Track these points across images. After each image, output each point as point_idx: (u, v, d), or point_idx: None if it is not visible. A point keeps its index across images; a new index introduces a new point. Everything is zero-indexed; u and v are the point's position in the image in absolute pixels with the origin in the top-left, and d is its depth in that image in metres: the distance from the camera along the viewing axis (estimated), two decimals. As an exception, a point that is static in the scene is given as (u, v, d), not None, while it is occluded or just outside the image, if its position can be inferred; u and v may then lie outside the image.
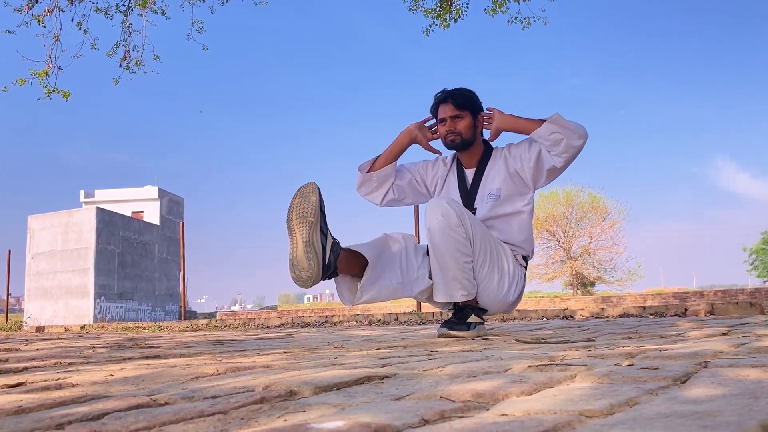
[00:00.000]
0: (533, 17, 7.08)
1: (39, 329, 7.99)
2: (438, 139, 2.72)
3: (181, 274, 10.47)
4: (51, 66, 6.84)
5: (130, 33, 7.29)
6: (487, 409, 0.77)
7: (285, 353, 1.92)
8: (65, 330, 7.68)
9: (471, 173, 2.71)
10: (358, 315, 6.39)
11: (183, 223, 10.97)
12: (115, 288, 17.72)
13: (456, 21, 7.21)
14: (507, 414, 0.73)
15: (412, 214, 7.79)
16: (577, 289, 34.01)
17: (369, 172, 2.74)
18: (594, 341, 1.93)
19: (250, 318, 6.98)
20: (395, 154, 2.74)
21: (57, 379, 1.27)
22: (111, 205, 24.90)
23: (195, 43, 7.43)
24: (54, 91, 6.88)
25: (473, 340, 2.31)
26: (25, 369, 1.60)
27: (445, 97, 2.66)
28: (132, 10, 7.22)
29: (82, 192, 34.63)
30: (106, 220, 17.52)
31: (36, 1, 6.73)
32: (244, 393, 0.96)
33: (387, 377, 1.11)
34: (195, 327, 6.75)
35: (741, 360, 1.15)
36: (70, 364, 1.75)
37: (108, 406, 0.87)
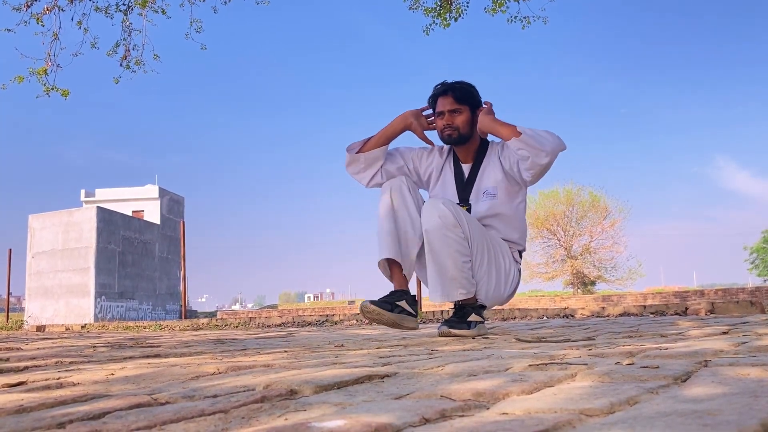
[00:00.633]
0: (533, 16, 7.10)
1: (40, 328, 7.99)
2: (433, 130, 2.69)
3: (182, 273, 10.47)
4: (50, 64, 6.83)
5: (130, 32, 7.29)
6: (488, 408, 0.78)
7: (286, 352, 1.92)
8: (66, 329, 7.68)
9: (467, 168, 2.69)
10: (358, 314, 6.39)
11: (183, 223, 10.98)
12: (116, 287, 17.71)
13: (456, 20, 7.20)
14: (507, 413, 0.73)
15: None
16: (578, 288, 34.03)
17: (358, 153, 2.69)
18: (594, 340, 1.93)
19: (250, 317, 6.98)
20: (387, 137, 2.69)
21: (58, 378, 1.27)
22: (111, 205, 24.86)
23: (194, 43, 7.44)
24: (53, 89, 6.87)
25: (474, 339, 2.31)
26: (26, 368, 1.60)
27: (446, 90, 2.62)
28: (132, 9, 7.22)
29: (82, 191, 34.64)
30: (106, 219, 17.51)
31: (35, 0, 6.73)
32: (244, 392, 0.96)
33: (387, 376, 1.11)
34: (196, 326, 6.74)
35: (741, 359, 1.15)
36: (70, 363, 1.75)
37: (109, 405, 0.87)
